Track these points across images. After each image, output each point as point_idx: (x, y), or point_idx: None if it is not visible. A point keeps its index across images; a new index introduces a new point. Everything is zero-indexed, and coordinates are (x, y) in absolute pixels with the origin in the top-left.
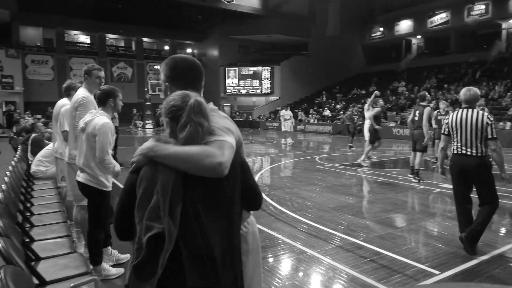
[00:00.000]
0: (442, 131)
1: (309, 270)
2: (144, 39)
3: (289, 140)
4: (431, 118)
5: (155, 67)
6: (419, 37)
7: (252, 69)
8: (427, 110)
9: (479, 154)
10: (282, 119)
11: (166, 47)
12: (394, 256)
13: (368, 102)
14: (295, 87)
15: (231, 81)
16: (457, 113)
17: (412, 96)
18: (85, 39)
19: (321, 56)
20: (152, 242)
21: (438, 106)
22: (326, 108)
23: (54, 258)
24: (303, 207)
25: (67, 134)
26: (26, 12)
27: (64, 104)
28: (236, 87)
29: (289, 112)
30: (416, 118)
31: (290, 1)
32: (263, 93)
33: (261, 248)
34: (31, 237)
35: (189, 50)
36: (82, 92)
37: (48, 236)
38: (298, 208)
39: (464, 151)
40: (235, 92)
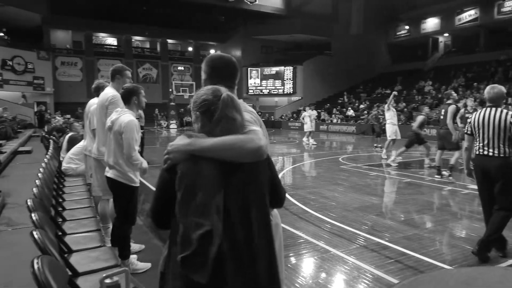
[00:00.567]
0: (465, 131)
1: (333, 269)
2: (169, 41)
3: (312, 141)
4: (456, 117)
5: (179, 68)
6: (447, 35)
7: (275, 69)
8: (451, 108)
9: (502, 155)
10: (308, 119)
11: (190, 48)
12: (421, 257)
13: (388, 103)
14: (318, 87)
15: (254, 81)
16: (480, 112)
17: (440, 96)
18: (112, 41)
19: (345, 55)
20: (202, 237)
21: (466, 104)
22: (350, 108)
23: (86, 251)
24: (327, 207)
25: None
26: (57, 16)
27: (94, 103)
28: (259, 87)
29: (315, 112)
30: (442, 117)
31: (313, 1)
32: (285, 93)
33: (284, 247)
34: (64, 231)
35: (212, 51)
36: (111, 91)
37: (79, 230)
38: (322, 208)
39: (486, 152)
40: (257, 92)
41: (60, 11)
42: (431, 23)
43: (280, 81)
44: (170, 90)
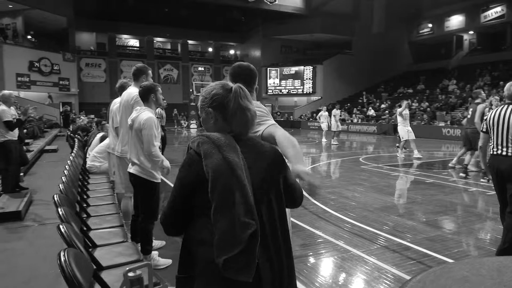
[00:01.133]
0: (481, 128)
1: (353, 269)
2: (189, 42)
3: (334, 141)
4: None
5: (200, 69)
6: (471, 33)
7: (294, 69)
8: (480, 107)
9: None
10: (334, 119)
11: (210, 49)
12: (444, 259)
13: (401, 109)
14: (338, 87)
15: (273, 81)
16: (497, 110)
17: (464, 95)
18: (135, 43)
19: (366, 54)
20: (251, 236)
21: (491, 103)
22: (371, 108)
23: (109, 246)
24: (347, 207)
25: (119, 130)
26: (81, 19)
27: (117, 103)
28: (278, 87)
29: (339, 112)
30: (469, 116)
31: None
32: (305, 93)
33: (304, 246)
34: (88, 226)
35: (232, 52)
36: (136, 90)
37: (103, 226)
38: (342, 208)
39: (500, 151)
40: (277, 92)
41: (85, 14)
42: (455, 21)
43: (300, 81)
44: (191, 91)
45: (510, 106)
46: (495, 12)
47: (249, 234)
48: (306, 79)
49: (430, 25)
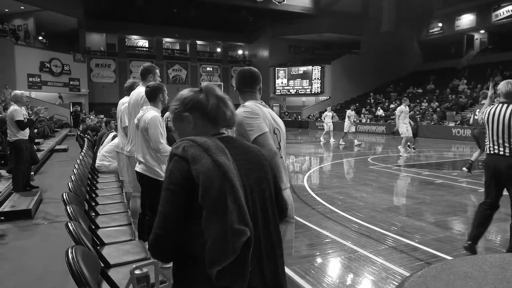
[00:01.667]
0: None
1: (361, 270)
2: (198, 42)
3: (341, 141)
4: None
5: (208, 69)
6: (483, 32)
7: (302, 69)
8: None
9: (511, 154)
10: (347, 120)
11: (218, 49)
12: None
13: (403, 115)
14: (347, 86)
15: (281, 81)
16: (491, 108)
17: (474, 95)
18: (144, 43)
19: (375, 54)
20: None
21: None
22: (379, 108)
23: (117, 244)
24: (354, 207)
25: (127, 130)
26: (92, 20)
27: (125, 102)
28: (286, 87)
29: (354, 113)
30: (477, 117)
31: None
32: (313, 93)
33: (311, 246)
34: (96, 224)
35: (240, 52)
36: (144, 90)
37: (111, 224)
38: (349, 208)
39: (497, 151)
40: (285, 92)
41: (95, 15)
42: (466, 20)
43: (308, 81)
44: None
45: (505, 105)
46: (507, 11)
47: (243, 242)
48: (314, 79)
49: (440, 24)
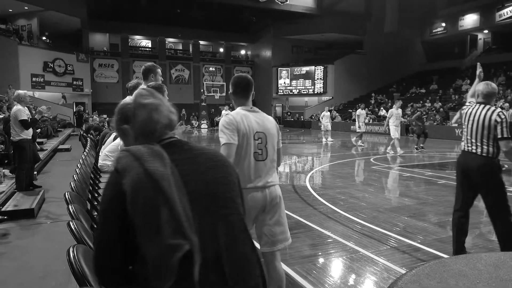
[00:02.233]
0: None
1: (362, 270)
2: (201, 42)
3: (360, 143)
4: None
5: (211, 69)
6: (486, 32)
7: (305, 69)
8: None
9: (484, 154)
10: (358, 119)
11: (221, 49)
12: None
13: (394, 118)
14: (349, 87)
15: (283, 81)
16: (469, 109)
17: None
18: (147, 43)
19: (378, 54)
20: (183, 260)
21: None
22: (382, 108)
23: None
24: (356, 207)
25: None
26: (95, 20)
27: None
28: (288, 87)
29: (364, 112)
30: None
31: None
32: (316, 93)
33: (313, 246)
34: None
35: (243, 52)
36: None
37: None
38: (351, 208)
39: (470, 149)
40: (287, 93)
41: (98, 15)
42: (470, 20)
43: (310, 81)
44: (202, 91)
45: (482, 105)
46: (511, 11)
47: (180, 259)
48: (317, 79)
49: (444, 24)
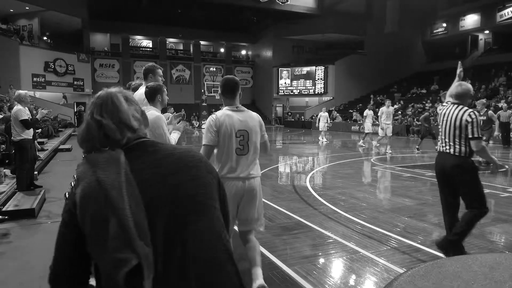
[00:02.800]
0: None
1: (362, 270)
2: (201, 42)
3: (377, 143)
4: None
5: (211, 69)
6: (487, 32)
7: (306, 69)
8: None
9: (457, 154)
10: (366, 120)
11: (222, 50)
12: None
13: (385, 116)
14: (350, 87)
15: (284, 82)
16: (443, 109)
17: (479, 96)
18: (147, 44)
19: (378, 54)
20: (130, 276)
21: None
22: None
23: None
24: (357, 208)
25: None
26: (96, 20)
27: None
28: (289, 88)
29: (372, 112)
30: None
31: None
32: (316, 93)
33: (313, 246)
34: None
35: (244, 52)
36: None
37: None
38: (352, 208)
39: (445, 149)
40: (288, 93)
41: (99, 16)
42: (470, 20)
43: (311, 81)
44: (202, 91)
45: (455, 105)
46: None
47: (125, 274)
48: (318, 79)
49: (445, 25)
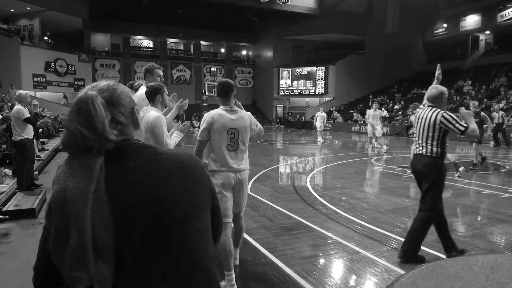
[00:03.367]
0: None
1: (363, 271)
2: (202, 42)
3: (376, 144)
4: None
5: (212, 69)
6: (488, 33)
7: (306, 69)
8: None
9: (428, 154)
10: (373, 120)
11: (223, 50)
12: None
13: (375, 118)
14: (351, 87)
15: (285, 82)
16: (419, 112)
17: (479, 96)
18: (148, 44)
19: (379, 55)
20: None
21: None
22: (383, 109)
23: None
24: (357, 208)
25: None
26: (96, 20)
27: None
28: (289, 88)
29: (378, 112)
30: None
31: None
32: (317, 94)
33: (313, 247)
34: None
35: (244, 52)
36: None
37: None
38: (352, 209)
39: (418, 150)
40: (288, 93)
41: (100, 16)
42: (471, 21)
43: (312, 81)
44: (203, 91)
45: (430, 108)
46: None
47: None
48: (318, 80)
49: (445, 25)
